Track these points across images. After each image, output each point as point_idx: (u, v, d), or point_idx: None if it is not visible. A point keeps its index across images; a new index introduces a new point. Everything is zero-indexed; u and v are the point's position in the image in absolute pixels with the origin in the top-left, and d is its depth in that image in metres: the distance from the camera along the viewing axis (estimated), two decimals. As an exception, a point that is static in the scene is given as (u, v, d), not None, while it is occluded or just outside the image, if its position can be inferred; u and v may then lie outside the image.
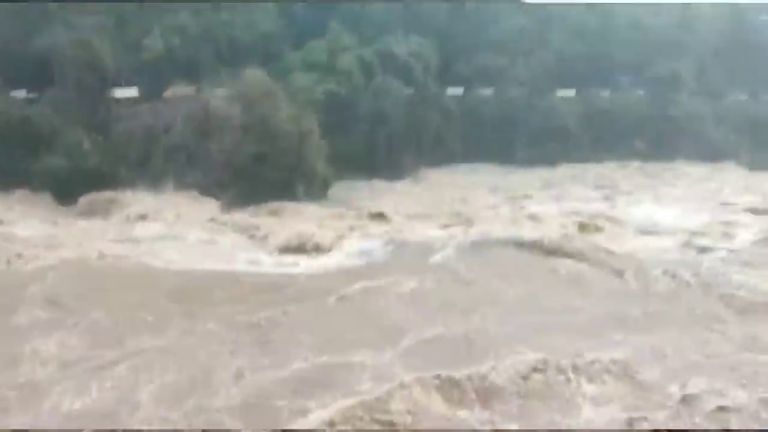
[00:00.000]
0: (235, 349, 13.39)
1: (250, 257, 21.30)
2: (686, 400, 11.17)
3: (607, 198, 32.89)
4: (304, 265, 20.53)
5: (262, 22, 38.62)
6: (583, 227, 24.93)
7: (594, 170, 40.70)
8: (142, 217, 25.83)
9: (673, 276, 18.46)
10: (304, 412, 10.71)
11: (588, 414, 10.88)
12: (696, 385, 11.72)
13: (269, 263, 20.81)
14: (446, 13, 46.30)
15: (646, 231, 24.75)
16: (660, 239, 23.46)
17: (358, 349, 13.12)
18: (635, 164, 42.62)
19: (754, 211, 28.20)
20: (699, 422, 10.51)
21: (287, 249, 21.74)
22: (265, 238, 23.02)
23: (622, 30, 48.70)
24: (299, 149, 30.77)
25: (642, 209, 29.42)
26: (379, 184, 34.61)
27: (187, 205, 27.41)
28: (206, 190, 28.73)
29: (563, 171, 40.87)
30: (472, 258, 20.37)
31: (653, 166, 42.23)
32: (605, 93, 47.73)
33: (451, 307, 16.04)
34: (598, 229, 24.80)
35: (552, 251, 20.82)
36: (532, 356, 12.40)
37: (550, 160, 41.96)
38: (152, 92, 33.73)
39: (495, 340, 13.57)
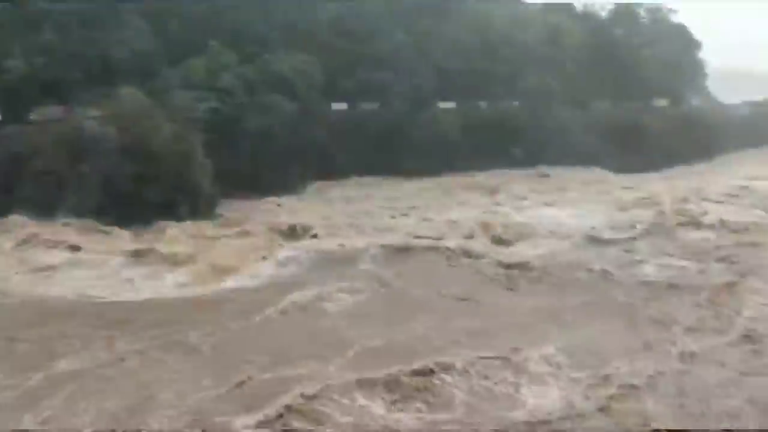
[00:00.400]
0: (176, 370, 13.29)
1: (174, 281, 20.80)
2: (607, 378, 12.72)
3: (505, 203, 34.44)
4: (232, 282, 20.39)
5: (135, 40, 37.55)
6: (495, 231, 26.40)
7: (480, 178, 42.34)
8: (33, 246, 24.37)
9: (590, 269, 20.57)
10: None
11: (531, 406, 11.89)
12: (618, 366, 13.33)
13: (196, 284, 20.42)
14: (327, 30, 47.14)
15: (555, 231, 26.47)
16: (570, 237, 25.36)
17: (304, 362, 13.47)
18: (517, 171, 44.56)
19: (641, 205, 31.06)
20: (614, 394, 12.03)
21: (210, 268, 21.38)
22: (184, 260, 22.51)
23: (496, 45, 51.57)
24: (182, 169, 30.20)
25: (544, 212, 31.22)
26: (271, 201, 34.31)
27: (78, 233, 26.10)
28: (83, 215, 27.40)
29: (451, 180, 42.09)
30: (397, 265, 21.35)
31: (533, 173, 44.49)
32: (483, 104, 50.17)
33: (389, 315, 16.86)
34: (510, 233, 26.37)
35: (473, 255, 22.16)
36: (472, 356, 13.50)
37: (435, 170, 43.21)
38: (16, 116, 31.86)
39: (436, 345, 14.46)
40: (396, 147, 44.12)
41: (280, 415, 11.07)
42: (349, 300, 18.25)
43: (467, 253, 22.45)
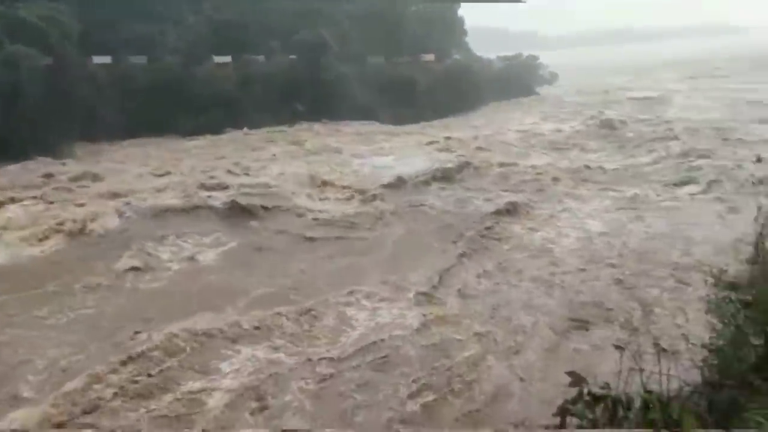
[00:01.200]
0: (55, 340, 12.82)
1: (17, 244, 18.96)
2: (434, 295, 15.19)
3: (319, 156, 34.35)
4: (77, 242, 19.30)
5: None
6: (331, 181, 27.09)
7: (271, 134, 41.74)
8: None
9: (431, 206, 23.40)
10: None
11: (404, 325, 13.60)
12: (459, 286, 15.81)
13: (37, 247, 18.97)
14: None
15: (389, 176, 27.44)
16: (404, 180, 26.75)
17: (199, 315, 13.71)
18: (304, 125, 44.95)
19: (447, 151, 33.95)
20: (455, 310, 14.21)
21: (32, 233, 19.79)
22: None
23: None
24: None
25: (369, 161, 32.26)
26: (30, 167, 30.51)
27: None
28: None
29: (238, 137, 41.10)
30: (250, 218, 21.73)
31: (324, 127, 44.99)
32: (260, 58, 50.05)
33: (266, 264, 17.51)
34: (348, 181, 27.24)
35: (322, 206, 23.45)
36: (350, 291, 15.16)
37: (214, 128, 41.92)
38: None
39: (318, 286, 15.80)
40: (170, 104, 42.10)
41: (162, 368, 11.47)
42: (221, 251, 18.53)
43: (316, 204, 23.67)
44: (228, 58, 47.66)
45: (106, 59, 42.13)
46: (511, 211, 22.32)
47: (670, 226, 20.40)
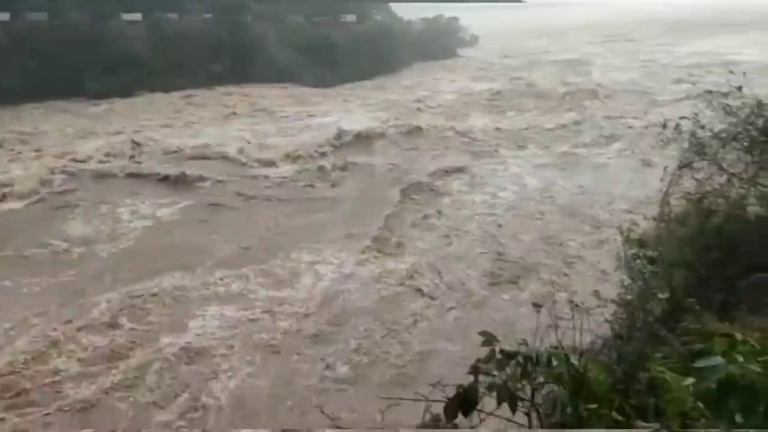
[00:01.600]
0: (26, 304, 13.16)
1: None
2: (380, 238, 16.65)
3: (258, 119, 34.25)
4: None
5: None
6: (282, 140, 28.10)
7: (190, 96, 40.90)
8: None
9: (382, 165, 24.61)
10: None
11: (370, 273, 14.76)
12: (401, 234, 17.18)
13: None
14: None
15: (333, 137, 28.21)
16: (350, 143, 27.70)
17: (169, 273, 14.46)
18: (227, 88, 43.81)
19: (386, 110, 35.41)
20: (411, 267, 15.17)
21: None
22: None
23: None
24: None
25: (314, 121, 33.15)
26: None
27: None
28: None
29: (154, 100, 39.82)
30: (203, 181, 22.26)
31: (248, 89, 43.95)
32: (173, 17, 48.07)
33: (227, 223, 18.38)
34: (300, 141, 28.00)
35: (278, 168, 24.38)
36: (313, 247, 16.35)
37: (125, 90, 40.31)
38: None
39: (282, 243, 16.80)
40: (75, 65, 40.02)
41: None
42: (179, 210, 19.20)
43: (271, 165, 24.47)
44: (138, 16, 45.52)
45: (4, 16, 39.42)
46: (452, 170, 23.49)
47: (595, 182, 22.09)
